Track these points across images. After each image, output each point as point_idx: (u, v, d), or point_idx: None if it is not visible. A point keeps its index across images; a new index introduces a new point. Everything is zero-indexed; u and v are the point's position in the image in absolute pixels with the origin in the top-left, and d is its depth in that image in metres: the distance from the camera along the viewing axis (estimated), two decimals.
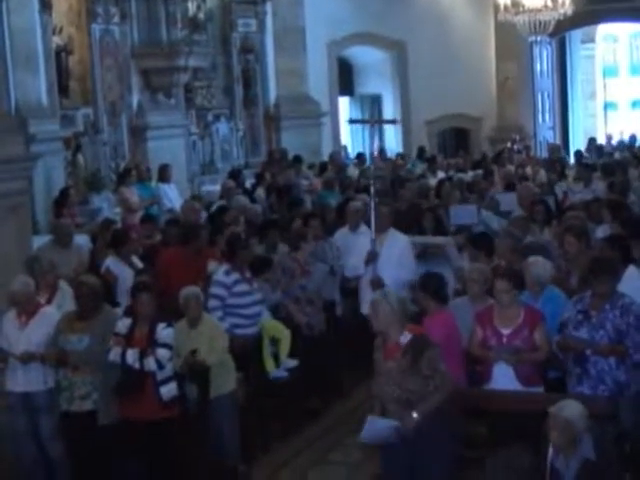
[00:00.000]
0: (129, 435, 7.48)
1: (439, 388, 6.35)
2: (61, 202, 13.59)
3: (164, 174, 15.76)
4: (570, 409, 5.90)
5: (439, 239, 10.53)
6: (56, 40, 15.08)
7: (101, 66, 16.00)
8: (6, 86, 13.14)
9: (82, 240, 12.03)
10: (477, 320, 7.51)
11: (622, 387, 7.04)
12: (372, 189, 9.98)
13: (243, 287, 9.04)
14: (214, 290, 8.93)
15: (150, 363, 7.29)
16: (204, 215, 12.72)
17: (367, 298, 9.04)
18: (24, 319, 7.84)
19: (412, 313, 6.84)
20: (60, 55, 15.21)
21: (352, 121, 11.83)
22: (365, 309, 9.13)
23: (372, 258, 9.57)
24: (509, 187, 14.41)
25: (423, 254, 10.34)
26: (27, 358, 7.70)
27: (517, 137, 23.24)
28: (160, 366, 7.30)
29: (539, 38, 22.42)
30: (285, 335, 9.29)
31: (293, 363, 9.33)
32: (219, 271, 9.17)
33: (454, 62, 23.52)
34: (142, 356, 7.31)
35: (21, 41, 13.86)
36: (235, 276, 9.03)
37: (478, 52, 24.95)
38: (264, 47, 20.33)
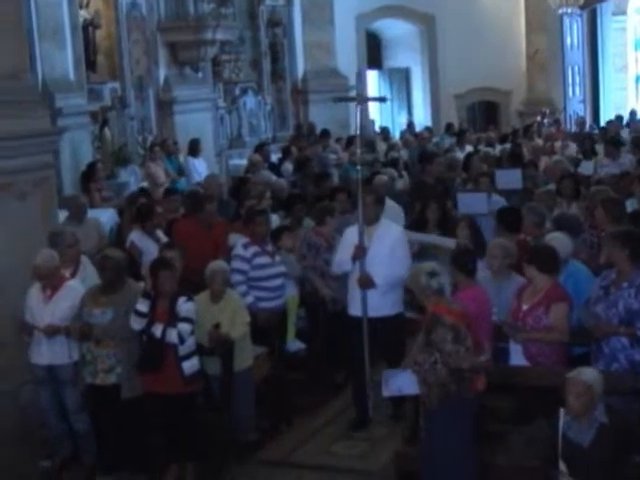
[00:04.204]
0: (151, 409, 7.52)
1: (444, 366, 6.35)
2: (88, 176, 13.67)
3: (194, 148, 15.86)
4: (588, 373, 5.93)
5: (448, 242, 9.18)
6: (83, 14, 15.09)
7: (128, 40, 16.01)
8: (33, 60, 13.16)
9: (109, 214, 12.10)
10: (516, 293, 7.48)
11: (636, 366, 6.90)
12: (359, 176, 8.83)
13: (263, 260, 9.03)
14: (235, 264, 8.92)
15: (172, 335, 7.28)
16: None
17: (356, 298, 8.61)
18: (49, 293, 7.88)
19: (439, 288, 6.73)
20: (87, 29, 15.22)
21: (338, 99, 11.55)
22: (353, 310, 8.69)
23: (360, 253, 8.46)
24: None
25: (421, 253, 9.39)
26: (52, 331, 7.75)
27: (547, 111, 23.06)
28: (181, 340, 7.30)
29: (569, 10, 22.24)
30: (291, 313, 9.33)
31: (298, 345, 9.35)
32: (238, 245, 9.17)
33: (483, 35, 23.38)
34: (165, 329, 7.33)
35: (48, 15, 13.88)
36: (254, 249, 9.02)
37: (508, 25, 24.77)
38: (292, 20, 20.29)
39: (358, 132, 9.10)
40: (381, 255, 8.48)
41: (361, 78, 9.55)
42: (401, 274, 8.36)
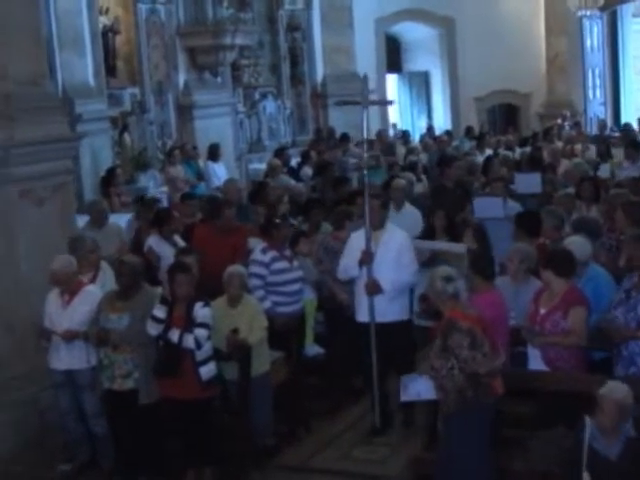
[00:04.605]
0: (169, 414, 7.52)
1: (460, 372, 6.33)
2: (108, 181, 13.73)
3: (214, 153, 15.89)
4: (620, 391, 5.88)
5: (458, 247, 8.98)
6: (103, 20, 15.20)
7: (148, 45, 16.12)
8: (53, 67, 13.27)
9: (128, 219, 12.11)
10: (533, 297, 7.45)
11: None
12: (366, 181, 8.81)
13: (281, 264, 9.00)
14: (253, 269, 8.91)
15: (188, 340, 7.27)
16: None
17: (363, 304, 8.50)
18: (67, 298, 7.93)
19: (455, 293, 6.72)
20: (107, 35, 15.31)
21: (341, 103, 11.40)
22: (361, 316, 8.59)
23: (368, 259, 8.36)
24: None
25: (432, 260, 9.00)
26: (70, 336, 7.79)
27: (568, 113, 22.97)
28: (198, 345, 7.29)
29: (589, 12, 22.13)
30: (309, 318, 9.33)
31: (316, 350, 9.35)
32: (256, 250, 9.18)
33: (503, 38, 23.29)
34: (182, 335, 7.32)
35: (68, 22, 13.98)
36: (272, 254, 9.00)
37: (527, 27, 24.68)
38: (311, 24, 20.31)
39: (365, 136, 9.16)
40: (387, 260, 8.41)
41: (366, 83, 9.43)
42: (408, 280, 8.48)
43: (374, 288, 8.35)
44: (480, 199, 11.23)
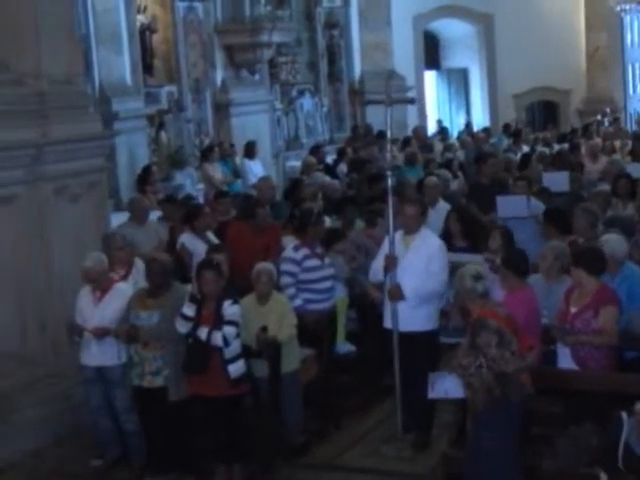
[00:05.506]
0: (198, 411, 7.55)
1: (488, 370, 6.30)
2: (144, 179, 13.78)
3: (250, 151, 15.94)
4: None
5: (476, 258, 8.50)
6: (140, 19, 15.30)
7: (185, 43, 16.18)
8: (90, 65, 13.41)
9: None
10: (564, 296, 7.39)
11: None
12: (389, 181, 8.46)
13: (313, 262, 8.97)
14: (285, 267, 8.90)
15: (217, 338, 7.27)
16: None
17: (388, 311, 8.17)
18: (98, 295, 7.97)
19: (484, 291, 6.70)
20: (144, 34, 15.39)
21: (368, 102, 11.38)
22: (386, 323, 8.26)
23: (391, 264, 7.98)
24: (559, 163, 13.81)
25: (452, 271, 8.30)
26: (101, 333, 7.84)
27: (608, 110, 22.77)
28: (226, 343, 7.30)
29: (629, 7, 21.96)
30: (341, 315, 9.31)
31: (348, 348, 9.32)
32: (288, 247, 9.18)
33: (542, 34, 23.16)
34: (210, 332, 7.33)
35: (105, 20, 14.09)
36: (304, 251, 8.97)
37: (567, 23, 24.51)
38: (349, 22, 20.36)
39: (389, 135, 8.95)
40: (414, 266, 7.97)
41: (390, 82, 9.41)
42: (434, 288, 7.98)
43: (396, 294, 7.98)
44: (503, 198, 10.94)
